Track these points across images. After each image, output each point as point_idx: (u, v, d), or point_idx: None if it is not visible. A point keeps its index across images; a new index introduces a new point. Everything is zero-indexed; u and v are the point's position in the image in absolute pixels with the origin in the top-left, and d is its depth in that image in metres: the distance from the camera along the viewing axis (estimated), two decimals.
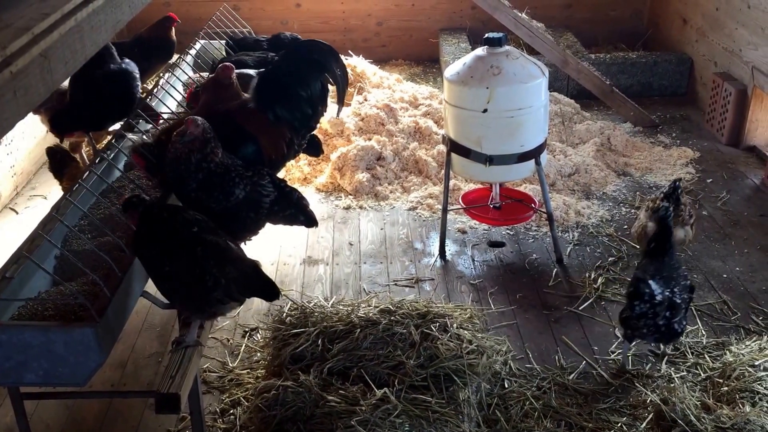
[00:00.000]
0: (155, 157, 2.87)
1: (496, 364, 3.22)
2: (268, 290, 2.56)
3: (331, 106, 3.38)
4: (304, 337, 3.22)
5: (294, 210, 2.87)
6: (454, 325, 3.28)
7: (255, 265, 2.54)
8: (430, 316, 3.31)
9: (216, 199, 2.68)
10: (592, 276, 3.99)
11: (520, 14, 5.79)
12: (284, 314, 3.46)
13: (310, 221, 2.91)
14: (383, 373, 3.04)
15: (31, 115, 4.38)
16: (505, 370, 3.27)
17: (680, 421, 2.86)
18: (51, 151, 3.96)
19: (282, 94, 3.01)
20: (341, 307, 3.47)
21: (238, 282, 2.46)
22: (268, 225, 2.91)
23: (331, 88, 3.20)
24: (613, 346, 3.48)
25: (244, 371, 3.35)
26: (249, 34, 4.97)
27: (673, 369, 3.29)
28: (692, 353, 3.38)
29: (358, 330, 3.19)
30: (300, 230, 4.51)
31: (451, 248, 4.32)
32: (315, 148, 3.40)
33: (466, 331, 3.28)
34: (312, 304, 3.53)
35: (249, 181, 2.75)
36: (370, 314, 3.32)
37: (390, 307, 3.38)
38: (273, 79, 3.04)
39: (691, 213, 3.91)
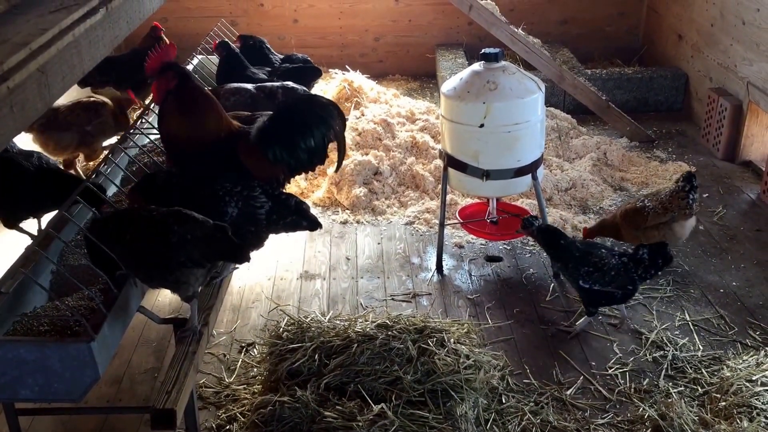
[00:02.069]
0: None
1: (493, 380, 3.21)
2: (235, 251, 2.49)
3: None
4: (301, 352, 3.21)
5: (295, 216, 2.85)
6: (452, 340, 3.27)
7: (221, 227, 2.49)
8: (427, 331, 3.30)
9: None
10: None
11: (516, 30, 5.82)
12: (281, 329, 3.45)
13: (313, 225, 2.90)
14: (380, 388, 3.03)
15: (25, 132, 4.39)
16: (502, 386, 3.26)
17: None
18: None
19: (284, 137, 3.03)
20: (338, 322, 3.46)
21: (202, 242, 2.43)
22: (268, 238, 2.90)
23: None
24: (611, 361, 3.47)
25: (241, 387, 3.33)
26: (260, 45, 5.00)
27: (670, 384, 3.28)
28: (690, 368, 3.38)
29: (355, 345, 3.18)
30: (297, 245, 4.51)
31: (448, 263, 4.32)
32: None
33: (463, 346, 3.27)
34: (309, 319, 3.53)
35: (239, 196, 2.74)
36: (367, 329, 3.31)
37: (387, 322, 3.37)
38: (280, 122, 3.05)
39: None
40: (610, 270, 3.46)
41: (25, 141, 4.72)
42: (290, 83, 4.08)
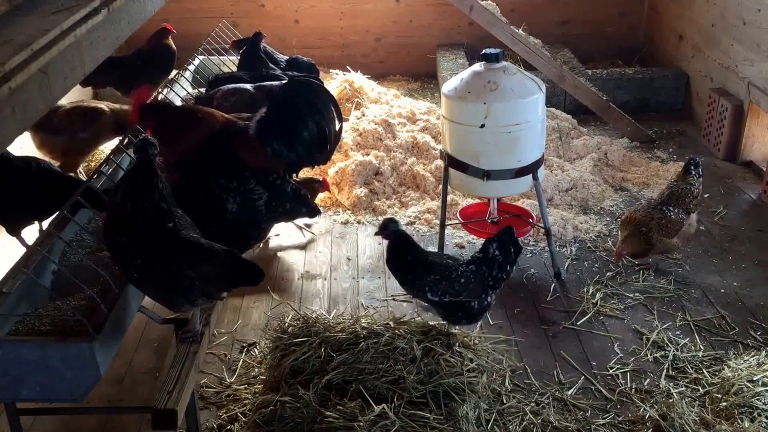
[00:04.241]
0: None
1: (495, 384, 3.20)
2: (250, 274, 2.46)
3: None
4: (306, 347, 3.20)
5: (293, 203, 2.84)
6: (457, 343, 3.27)
7: (229, 252, 2.45)
8: (433, 332, 3.31)
9: (211, 221, 2.66)
10: (590, 291, 3.98)
11: (517, 30, 5.82)
12: (286, 324, 3.46)
13: (312, 211, 2.89)
14: (383, 387, 3.02)
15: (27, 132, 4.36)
16: (504, 386, 3.25)
17: None
18: None
19: (283, 131, 3.02)
20: (342, 319, 3.46)
21: (215, 277, 2.41)
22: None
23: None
24: (612, 361, 3.47)
25: (242, 386, 3.33)
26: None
27: (671, 384, 3.29)
28: (691, 368, 3.38)
29: (360, 342, 3.18)
30: (298, 245, 4.51)
31: None
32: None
33: (468, 350, 3.27)
34: (314, 315, 3.53)
35: (236, 192, 2.73)
36: (373, 327, 3.31)
37: (390, 324, 3.37)
38: (277, 116, 3.04)
39: None
40: (459, 277, 3.15)
41: (17, 145, 4.72)
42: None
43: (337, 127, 3.18)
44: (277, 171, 3.02)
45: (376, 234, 3.26)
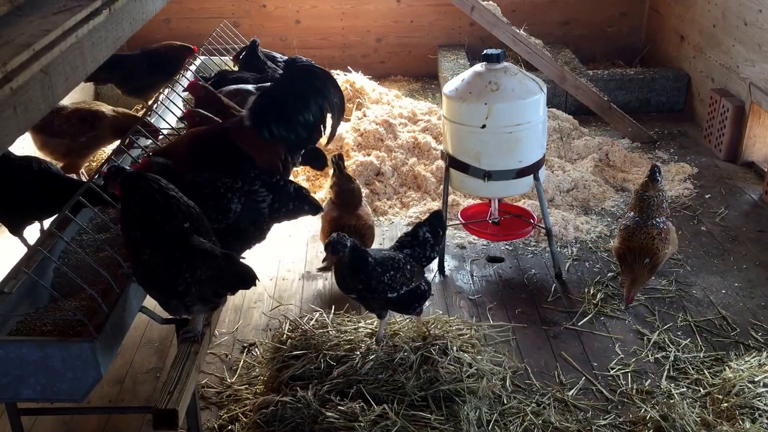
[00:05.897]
0: None
1: (495, 388, 3.20)
2: (244, 278, 2.45)
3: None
4: (305, 360, 3.20)
5: (296, 202, 2.84)
6: (454, 348, 3.26)
7: (227, 255, 2.44)
8: (429, 339, 3.30)
9: (215, 219, 2.66)
10: (591, 291, 3.98)
11: (518, 31, 5.82)
12: (284, 335, 3.45)
13: (315, 209, 2.88)
14: (382, 395, 3.02)
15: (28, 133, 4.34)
16: (505, 387, 3.25)
17: None
18: None
19: (279, 113, 3.00)
20: (342, 327, 3.45)
21: (212, 280, 2.40)
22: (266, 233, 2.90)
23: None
24: (613, 362, 3.47)
25: (243, 387, 3.33)
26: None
27: (672, 385, 3.28)
28: (692, 368, 3.38)
29: (358, 355, 3.18)
30: (299, 245, 4.52)
31: (449, 264, 4.31)
32: (319, 161, 3.39)
33: (466, 354, 3.26)
34: (313, 321, 3.52)
35: (241, 192, 2.73)
36: (372, 335, 3.31)
37: (390, 333, 3.37)
38: (270, 99, 3.02)
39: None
40: (406, 264, 3.17)
41: (19, 145, 4.70)
42: None
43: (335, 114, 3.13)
44: (279, 156, 2.98)
45: (322, 267, 3.16)
